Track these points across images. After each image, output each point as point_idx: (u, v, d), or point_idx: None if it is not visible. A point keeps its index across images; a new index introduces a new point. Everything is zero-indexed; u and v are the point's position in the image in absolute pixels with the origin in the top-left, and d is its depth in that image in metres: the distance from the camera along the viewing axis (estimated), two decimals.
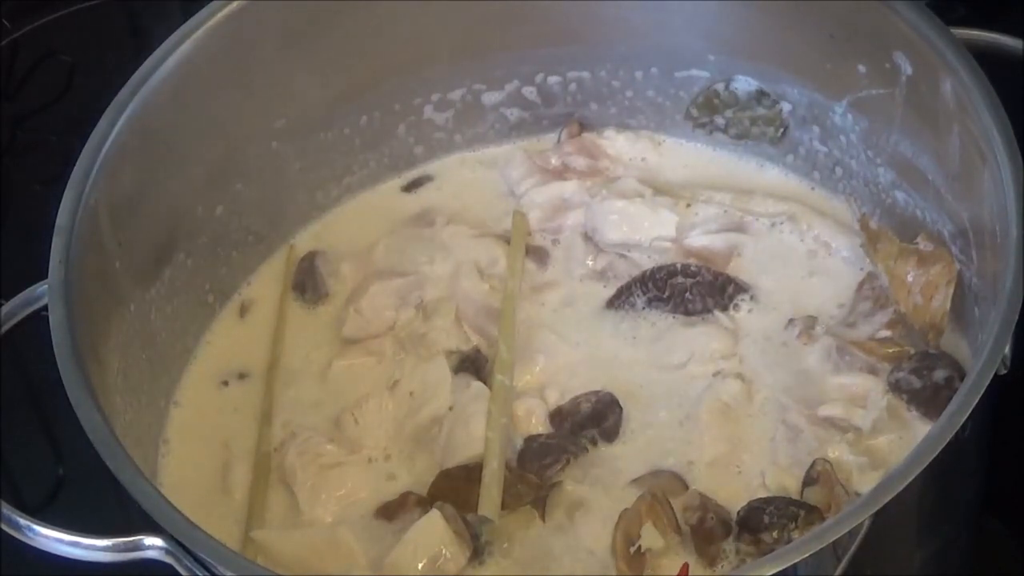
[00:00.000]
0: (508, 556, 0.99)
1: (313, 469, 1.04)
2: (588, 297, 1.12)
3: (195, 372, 1.12)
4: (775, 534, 0.96)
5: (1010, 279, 0.91)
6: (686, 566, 0.94)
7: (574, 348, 1.09)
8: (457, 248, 1.15)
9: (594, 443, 1.04)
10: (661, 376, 1.07)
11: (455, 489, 1.01)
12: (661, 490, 0.99)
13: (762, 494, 0.99)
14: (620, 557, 0.97)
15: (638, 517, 0.97)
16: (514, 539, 0.99)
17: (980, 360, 0.88)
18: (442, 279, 1.13)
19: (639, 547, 0.97)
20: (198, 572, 0.90)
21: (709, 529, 0.97)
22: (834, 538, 0.84)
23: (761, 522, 0.97)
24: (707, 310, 1.09)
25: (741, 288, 1.10)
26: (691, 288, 1.09)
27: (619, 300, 1.11)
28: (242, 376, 1.12)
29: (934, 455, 0.85)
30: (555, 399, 1.06)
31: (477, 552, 0.98)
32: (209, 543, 0.88)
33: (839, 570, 0.87)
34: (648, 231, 1.13)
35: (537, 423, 1.05)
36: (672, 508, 0.98)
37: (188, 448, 1.08)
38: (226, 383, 1.11)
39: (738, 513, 0.98)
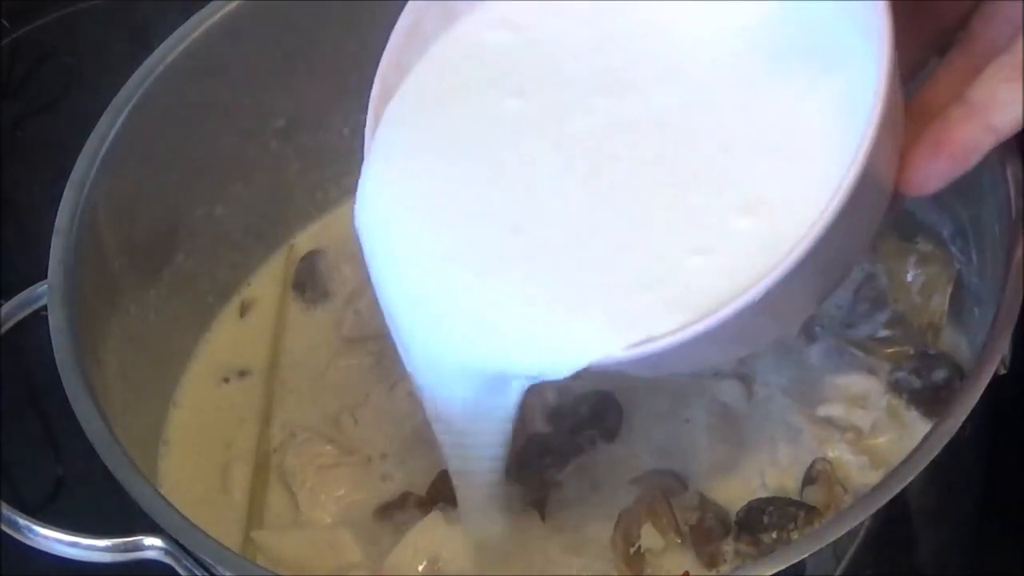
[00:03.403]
0: (508, 556, 0.99)
1: (312, 469, 1.04)
2: None
3: (195, 372, 1.12)
4: (774, 534, 0.96)
5: (1010, 279, 0.91)
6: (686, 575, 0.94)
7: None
8: None
9: (593, 443, 1.03)
10: (661, 375, 1.07)
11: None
12: (660, 490, 0.99)
13: (762, 494, 0.99)
14: (620, 557, 0.97)
15: (638, 517, 0.97)
16: (514, 539, 0.99)
17: (980, 360, 0.88)
18: None
19: (639, 547, 0.97)
20: (198, 572, 0.90)
21: (708, 529, 0.97)
22: (834, 538, 0.84)
23: (760, 522, 0.97)
24: None
25: None
26: None
27: None
28: (243, 374, 1.12)
29: (934, 455, 0.85)
30: (554, 398, 1.06)
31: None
32: (209, 543, 0.88)
33: (839, 570, 0.87)
34: None
35: (537, 422, 1.05)
36: (672, 508, 0.98)
37: (188, 448, 1.08)
38: (227, 380, 1.11)
39: (737, 513, 0.98)
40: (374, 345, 1.10)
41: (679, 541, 0.97)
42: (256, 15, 1.10)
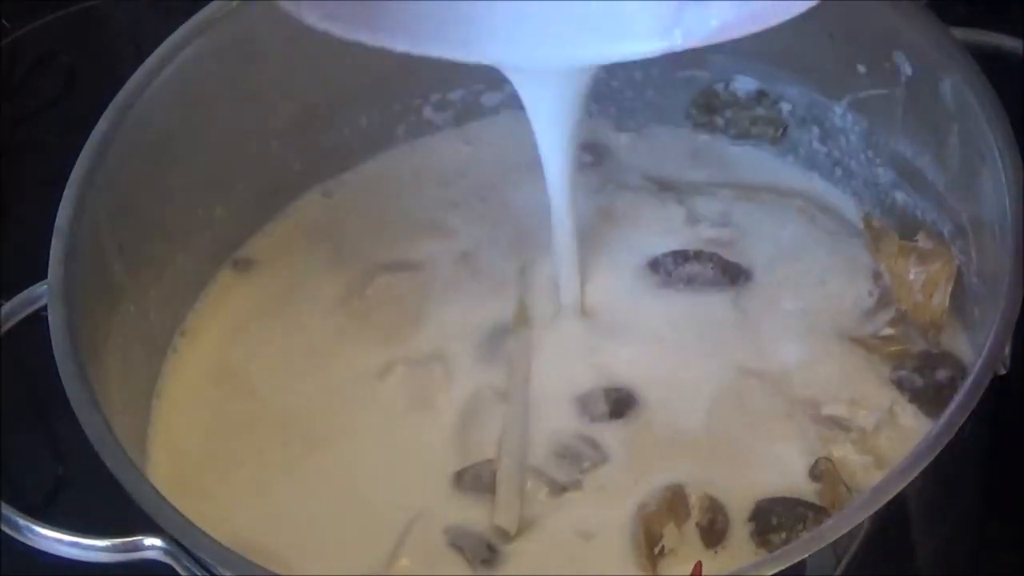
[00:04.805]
0: (524, 558, 0.99)
1: None
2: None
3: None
4: (783, 535, 0.96)
5: (1010, 279, 0.91)
6: (699, 565, 0.94)
7: (586, 338, 1.09)
8: None
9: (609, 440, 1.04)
10: (668, 372, 1.06)
11: None
12: (672, 491, 0.99)
13: (769, 494, 0.99)
14: (644, 556, 0.97)
15: (660, 517, 0.97)
16: (530, 539, 0.99)
17: (980, 360, 0.88)
18: None
19: (663, 547, 0.97)
20: (198, 572, 0.90)
21: (719, 530, 0.98)
22: (834, 538, 0.84)
23: (769, 523, 0.97)
24: (717, 293, 1.09)
25: (748, 280, 1.10)
26: (699, 276, 1.09)
27: (629, 291, 1.11)
28: None
29: (934, 455, 0.85)
30: (569, 391, 1.06)
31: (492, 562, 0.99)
32: (209, 543, 0.88)
33: (839, 570, 0.87)
34: (655, 224, 1.13)
35: (555, 415, 1.05)
36: (688, 505, 0.98)
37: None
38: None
39: (748, 514, 0.98)
40: None
41: (690, 537, 0.97)
42: (256, 16, 1.10)
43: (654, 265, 1.10)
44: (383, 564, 0.99)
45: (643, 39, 0.92)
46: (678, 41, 0.92)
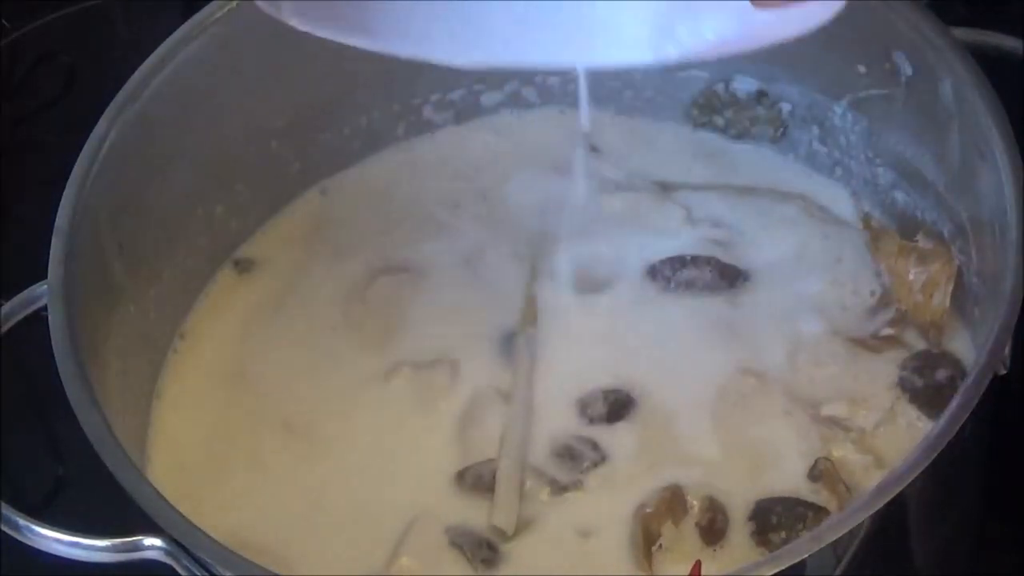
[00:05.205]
0: (525, 557, 0.99)
1: None
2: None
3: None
4: (783, 534, 0.96)
5: (1010, 279, 0.91)
6: (698, 564, 0.94)
7: (585, 340, 1.09)
8: None
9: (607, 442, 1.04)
10: (669, 372, 1.06)
11: None
12: (671, 491, 0.99)
13: (769, 494, 0.99)
14: (642, 555, 0.97)
15: (659, 516, 0.97)
16: (531, 538, 0.99)
17: (979, 360, 0.88)
18: None
19: (660, 546, 0.96)
20: (198, 572, 0.90)
21: (720, 530, 0.98)
22: (834, 538, 0.84)
23: (769, 522, 0.97)
24: (716, 295, 1.09)
25: (747, 281, 1.10)
26: (698, 281, 1.09)
27: (628, 293, 1.11)
28: None
29: (934, 455, 0.85)
30: (569, 393, 1.06)
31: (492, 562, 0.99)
32: (209, 543, 0.88)
33: (839, 570, 0.87)
34: (654, 224, 1.13)
35: (555, 416, 1.05)
36: (686, 504, 0.98)
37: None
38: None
39: (748, 513, 0.98)
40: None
41: (694, 540, 0.97)
42: (256, 15, 1.10)
43: (652, 272, 1.10)
44: (383, 564, 0.99)
45: (634, 48, 0.92)
46: (672, 55, 0.91)
